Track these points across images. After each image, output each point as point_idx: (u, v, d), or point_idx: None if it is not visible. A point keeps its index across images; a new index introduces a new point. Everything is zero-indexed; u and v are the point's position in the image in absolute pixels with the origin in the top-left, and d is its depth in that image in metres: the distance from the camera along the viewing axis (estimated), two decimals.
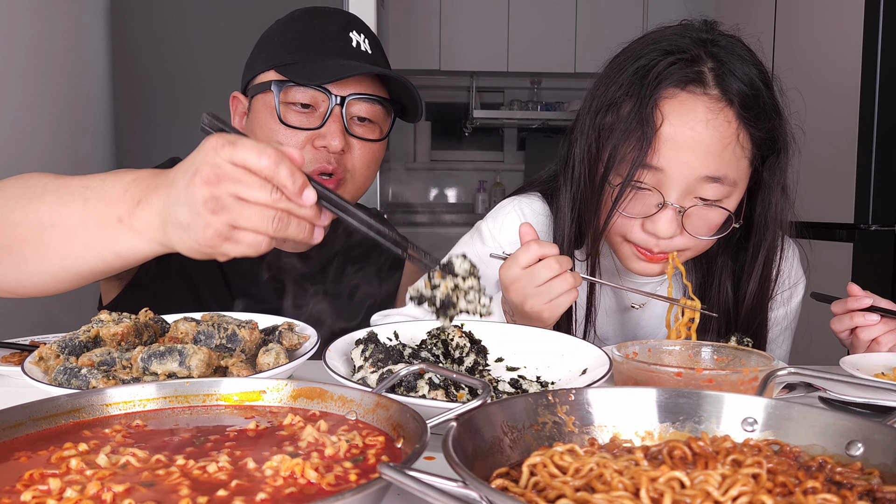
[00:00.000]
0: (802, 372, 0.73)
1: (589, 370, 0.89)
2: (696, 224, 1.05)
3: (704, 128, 0.99)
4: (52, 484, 0.50)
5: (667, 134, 1.00)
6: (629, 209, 1.05)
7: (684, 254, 1.09)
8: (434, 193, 5.32)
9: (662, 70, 1.02)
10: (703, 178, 1.01)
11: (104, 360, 0.83)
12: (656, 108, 1.00)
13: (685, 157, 1.00)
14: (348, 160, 1.25)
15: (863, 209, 2.63)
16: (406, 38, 4.60)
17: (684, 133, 0.99)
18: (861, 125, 2.61)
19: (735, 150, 1.02)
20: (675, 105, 1.01)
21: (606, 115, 1.06)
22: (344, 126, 1.23)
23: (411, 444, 0.55)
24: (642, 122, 1.00)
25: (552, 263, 0.98)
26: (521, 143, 5.31)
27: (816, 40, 2.84)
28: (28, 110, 2.23)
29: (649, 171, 1.02)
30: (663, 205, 1.02)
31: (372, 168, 1.30)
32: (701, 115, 1.00)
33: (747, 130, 1.02)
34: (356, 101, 1.24)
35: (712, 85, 1.02)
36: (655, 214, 1.03)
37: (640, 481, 0.47)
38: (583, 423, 0.61)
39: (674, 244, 1.06)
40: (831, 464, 0.55)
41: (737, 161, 1.03)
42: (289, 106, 1.23)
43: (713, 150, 1.00)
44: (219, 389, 0.70)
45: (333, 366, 0.82)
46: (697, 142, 0.99)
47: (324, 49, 1.24)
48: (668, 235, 1.03)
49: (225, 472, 0.53)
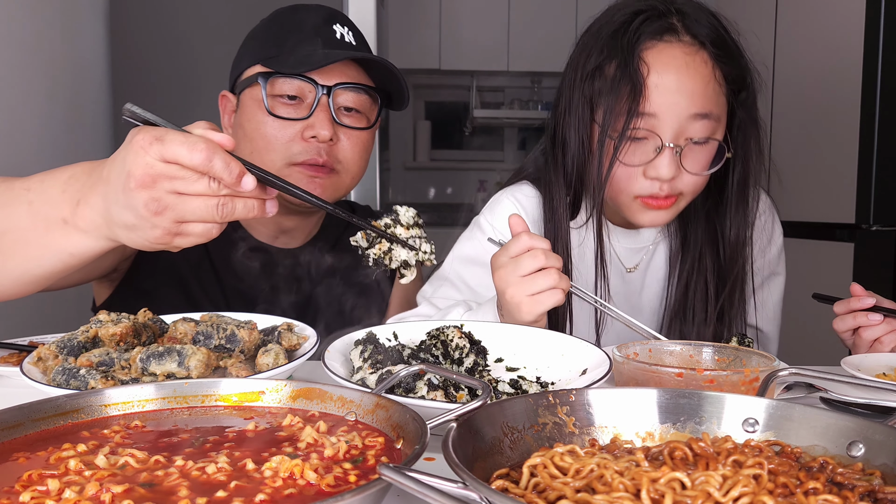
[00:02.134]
0: (803, 372, 0.73)
1: (589, 370, 0.89)
2: (693, 163, 1.13)
3: (686, 71, 1.09)
4: (51, 485, 0.50)
5: (654, 81, 1.09)
6: (630, 160, 1.12)
7: (682, 199, 1.16)
8: (434, 193, 5.32)
9: (637, 27, 1.12)
10: (691, 116, 1.10)
11: (103, 360, 0.83)
12: (640, 61, 1.09)
13: (673, 98, 1.09)
14: (339, 151, 1.25)
15: (864, 209, 2.63)
16: (406, 38, 4.60)
17: (669, 77, 1.09)
18: (862, 125, 2.61)
19: (714, 87, 1.12)
20: (656, 54, 1.10)
21: (594, 82, 1.14)
22: (332, 115, 1.23)
23: (411, 444, 0.55)
24: (630, 76, 1.09)
25: (538, 255, 0.99)
26: (521, 142, 5.31)
27: (817, 39, 2.84)
28: (27, 110, 2.23)
29: (643, 118, 1.10)
30: (661, 148, 1.10)
31: (363, 157, 1.30)
32: (681, 59, 1.10)
33: (720, 68, 1.13)
34: (342, 91, 1.24)
35: (684, 32, 1.12)
36: (655, 159, 1.11)
37: (640, 482, 0.47)
38: (583, 423, 0.61)
39: (677, 186, 1.13)
40: (832, 464, 0.54)
41: (717, 97, 1.12)
42: (276, 98, 1.23)
43: (697, 89, 1.09)
44: (218, 390, 0.69)
45: (332, 366, 0.82)
46: (682, 83, 1.09)
47: (308, 39, 1.24)
48: (670, 176, 1.10)
49: (224, 473, 0.53)
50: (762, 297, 1.33)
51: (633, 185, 1.14)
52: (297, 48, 1.23)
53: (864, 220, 2.63)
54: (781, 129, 3.08)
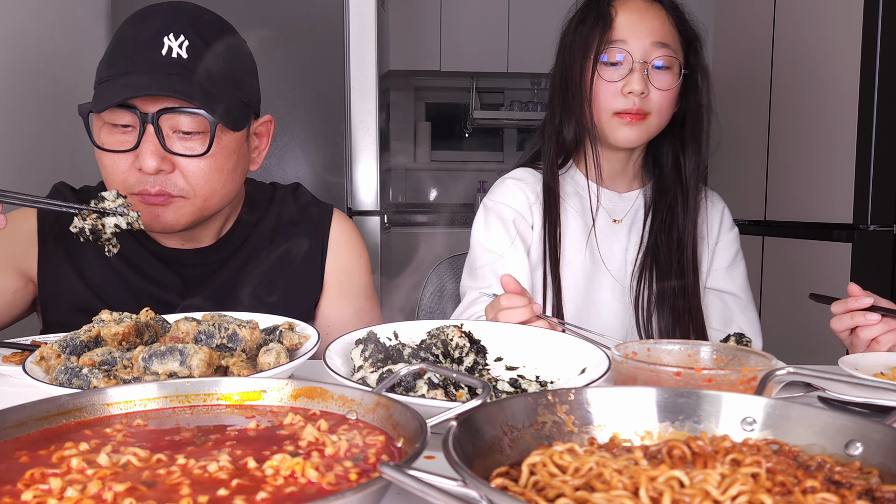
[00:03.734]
0: (801, 372, 0.74)
1: (588, 369, 0.89)
2: (659, 81, 1.37)
3: (647, 11, 1.39)
4: (53, 483, 0.50)
5: (621, 19, 1.38)
6: (609, 77, 1.37)
7: (652, 120, 1.38)
8: (434, 193, 5.32)
9: None
10: (654, 43, 1.36)
11: (105, 359, 0.84)
12: (610, 8, 1.39)
13: (639, 28, 1.36)
14: (177, 179, 1.16)
15: (861, 209, 2.63)
16: (406, 39, 4.60)
17: (633, 14, 1.38)
18: (860, 125, 2.61)
19: (669, 28, 1.39)
20: (622, 3, 1.40)
21: (576, 34, 1.41)
22: (160, 145, 1.13)
23: (411, 443, 0.55)
24: (602, 16, 1.37)
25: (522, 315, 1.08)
26: (521, 143, 5.31)
27: (815, 40, 2.84)
28: (29, 111, 2.23)
29: (615, 46, 1.36)
30: (633, 68, 1.35)
31: (213, 180, 1.18)
32: (642, 4, 1.40)
33: (672, 18, 1.40)
34: (170, 116, 1.13)
35: None
36: (629, 76, 1.35)
37: (639, 480, 0.47)
38: (582, 422, 0.61)
39: (647, 103, 1.36)
40: (830, 463, 0.55)
41: (674, 36, 1.39)
42: (107, 127, 1.15)
43: (656, 25, 1.37)
44: (219, 389, 0.70)
45: (333, 365, 0.82)
46: (643, 20, 1.38)
47: (129, 62, 1.13)
48: (640, 88, 1.34)
49: (225, 472, 0.53)
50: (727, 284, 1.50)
51: (612, 101, 1.37)
52: (119, 72, 1.13)
53: (861, 220, 2.63)
54: (779, 130, 3.08)
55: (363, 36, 2.77)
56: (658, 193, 1.49)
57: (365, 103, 2.85)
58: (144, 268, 1.28)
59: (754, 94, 3.18)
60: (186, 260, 1.30)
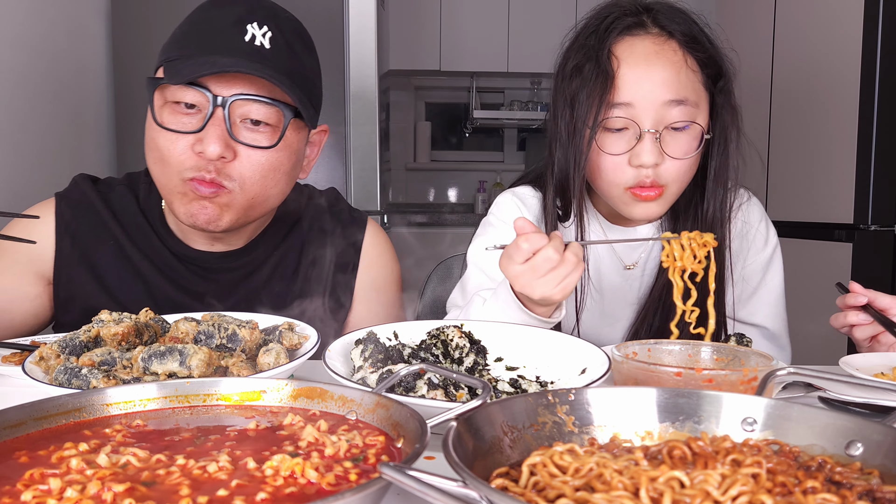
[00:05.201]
0: (802, 372, 0.73)
1: (588, 370, 0.89)
2: (674, 148, 1.16)
3: (656, 59, 1.15)
4: (53, 484, 0.50)
5: (625, 72, 1.15)
6: (612, 149, 1.16)
7: (670, 189, 1.18)
8: (434, 193, 5.32)
9: (608, 25, 1.19)
10: (667, 102, 1.14)
11: (105, 359, 0.84)
12: (611, 55, 1.16)
13: (646, 86, 1.14)
14: (234, 169, 1.11)
15: (862, 209, 2.63)
16: (406, 39, 4.60)
17: (639, 67, 1.15)
18: (860, 125, 2.61)
19: (688, 74, 1.16)
20: (625, 47, 1.16)
21: (572, 82, 1.19)
22: (227, 130, 1.09)
23: (411, 443, 0.55)
24: (602, 69, 1.15)
25: (550, 254, 0.98)
26: (521, 143, 5.32)
27: (816, 40, 2.84)
28: (29, 111, 2.23)
29: (619, 108, 1.14)
30: (641, 136, 1.14)
31: (268, 177, 1.14)
32: (650, 48, 1.16)
33: (692, 55, 1.17)
34: (244, 102, 1.09)
35: (652, 26, 1.18)
36: (636, 146, 1.14)
37: (639, 481, 0.47)
38: (582, 422, 0.61)
39: (662, 173, 1.16)
40: (831, 464, 0.55)
41: (692, 84, 1.16)
42: (170, 106, 1.11)
43: (669, 76, 1.14)
44: (219, 389, 0.70)
45: (333, 366, 0.82)
46: (653, 71, 1.14)
47: (209, 44, 1.09)
48: (652, 161, 1.13)
49: (225, 472, 0.53)
50: (762, 296, 1.35)
51: (619, 175, 1.17)
52: (195, 52, 1.09)
53: (862, 220, 2.63)
54: (780, 130, 3.08)
55: (363, 35, 2.77)
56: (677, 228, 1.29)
57: (365, 103, 2.85)
58: (167, 271, 1.23)
59: (755, 94, 3.18)
60: (213, 264, 1.25)
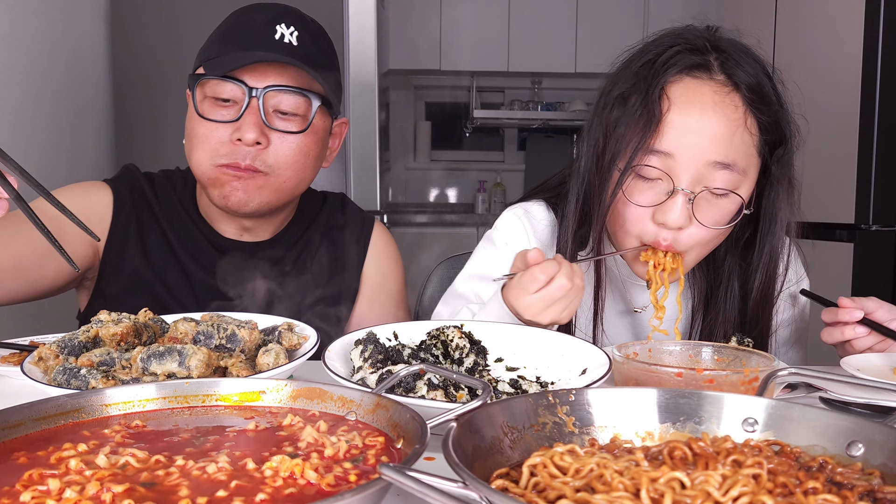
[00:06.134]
0: (803, 372, 0.73)
1: (589, 370, 0.89)
2: (706, 215, 1.03)
3: (712, 111, 1.00)
4: (52, 484, 0.50)
5: (674, 118, 1.00)
6: (639, 199, 1.04)
7: (689, 255, 1.08)
8: (434, 193, 5.32)
9: (668, 59, 1.03)
10: (712, 163, 1.00)
11: (104, 360, 0.83)
12: (663, 94, 1.01)
13: (693, 140, 0.99)
14: (268, 155, 1.24)
15: (863, 209, 2.63)
16: (406, 38, 4.60)
17: (692, 116, 1.00)
18: (862, 125, 2.61)
19: (743, 137, 1.01)
20: (681, 89, 1.01)
21: (613, 110, 1.07)
22: (262, 119, 1.22)
23: (411, 444, 0.55)
24: (649, 107, 1.01)
25: (563, 282, 0.96)
26: (521, 142, 5.32)
27: (817, 39, 2.84)
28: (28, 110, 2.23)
29: (658, 156, 1.01)
30: (673, 191, 1.01)
31: (299, 162, 1.27)
32: (708, 98, 1.00)
33: (754, 115, 1.02)
34: (276, 94, 1.23)
35: (718, 71, 1.03)
36: (666, 202, 1.02)
37: (640, 482, 0.47)
38: (583, 423, 0.61)
39: (683, 240, 1.04)
40: (832, 464, 0.54)
41: (745, 148, 1.02)
42: (209, 100, 1.24)
43: (722, 134, 0.99)
44: (218, 390, 0.70)
45: (333, 366, 0.82)
46: (705, 125, 0.99)
47: (244, 41, 1.23)
48: (678, 224, 1.02)
49: (224, 473, 0.53)
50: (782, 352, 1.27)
51: (639, 227, 1.06)
52: (234, 49, 1.23)
53: (863, 220, 2.63)
54: None
55: (363, 35, 2.77)
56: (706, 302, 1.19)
57: (365, 102, 2.85)
58: (201, 258, 1.34)
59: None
60: (241, 252, 1.35)
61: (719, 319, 1.16)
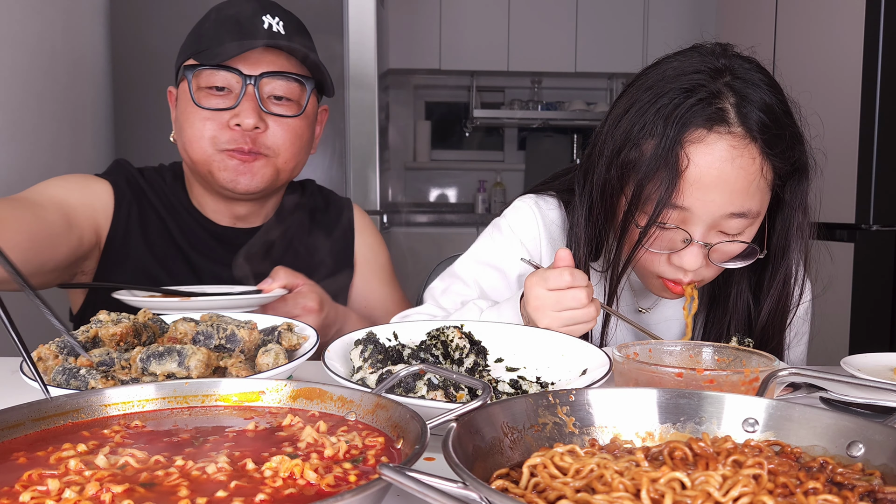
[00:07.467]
0: (803, 372, 0.73)
1: (589, 371, 0.89)
2: (720, 256, 1.08)
3: (730, 167, 1.01)
4: (51, 485, 0.50)
5: (692, 175, 1.01)
6: (655, 246, 1.07)
7: (706, 281, 1.13)
8: (434, 193, 5.32)
9: (685, 112, 1.02)
10: (728, 214, 1.03)
11: (103, 360, 0.83)
12: (681, 151, 1.01)
13: (711, 196, 1.02)
14: (267, 138, 1.29)
15: (864, 209, 2.63)
16: (406, 38, 4.60)
17: (710, 174, 1.01)
18: (862, 125, 2.61)
19: (759, 185, 1.04)
20: (700, 147, 1.02)
21: (629, 152, 1.06)
22: (258, 105, 1.27)
23: (411, 444, 0.55)
24: (667, 163, 1.01)
25: (580, 296, 0.98)
26: (521, 142, 5.32)
27: (817, 41, 2.84)
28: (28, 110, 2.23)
29: (675, 210, 1.03)
30: (689, 241, 1.04)
31: (295, 143, 1.33)
32: (726, 154, 1.01)
33: (770, 163, 1.04)
34: (270, 80, 1.28)
35: (735, 122, 1.02)
36: (682, 250, 1.05)
37: (640, 482, 0.47)
38: (583, 423, 0.61)
39: (701, 273, 1.08)
40: (832, 464, 0.54)
41: (760, 194, 1.05)
42: (205, 90, 1.28)
43: (739, 188, 1.02)
44: (218, 390, 0.69)
45: (333, 366, 0.82)
46: (723, 181, 1.01)
47: (235, 32, 1.28)
48: (694, 268, 1.06)
49: (224, 473, 0.53)
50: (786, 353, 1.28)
51: (655, 266, 1.10)
52: (224, 41, 1.27)
53: (863, 220, 2.63)
54: None
55: (363, 34, 2.77)
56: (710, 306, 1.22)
57: (364, 102, 2.85)
58: (200, 245, 1.39)
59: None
60: (237, 239, 1.40)
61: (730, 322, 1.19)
